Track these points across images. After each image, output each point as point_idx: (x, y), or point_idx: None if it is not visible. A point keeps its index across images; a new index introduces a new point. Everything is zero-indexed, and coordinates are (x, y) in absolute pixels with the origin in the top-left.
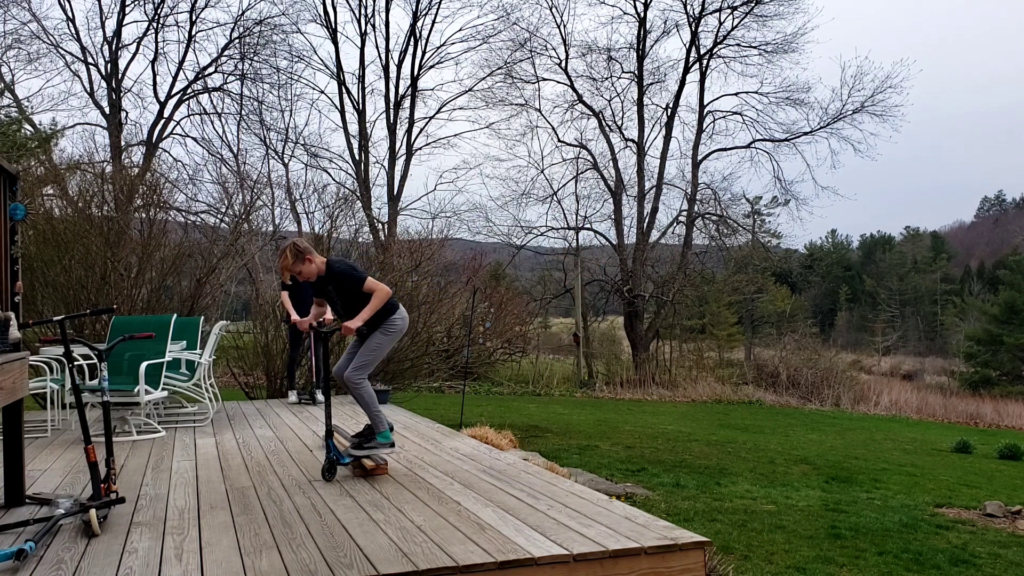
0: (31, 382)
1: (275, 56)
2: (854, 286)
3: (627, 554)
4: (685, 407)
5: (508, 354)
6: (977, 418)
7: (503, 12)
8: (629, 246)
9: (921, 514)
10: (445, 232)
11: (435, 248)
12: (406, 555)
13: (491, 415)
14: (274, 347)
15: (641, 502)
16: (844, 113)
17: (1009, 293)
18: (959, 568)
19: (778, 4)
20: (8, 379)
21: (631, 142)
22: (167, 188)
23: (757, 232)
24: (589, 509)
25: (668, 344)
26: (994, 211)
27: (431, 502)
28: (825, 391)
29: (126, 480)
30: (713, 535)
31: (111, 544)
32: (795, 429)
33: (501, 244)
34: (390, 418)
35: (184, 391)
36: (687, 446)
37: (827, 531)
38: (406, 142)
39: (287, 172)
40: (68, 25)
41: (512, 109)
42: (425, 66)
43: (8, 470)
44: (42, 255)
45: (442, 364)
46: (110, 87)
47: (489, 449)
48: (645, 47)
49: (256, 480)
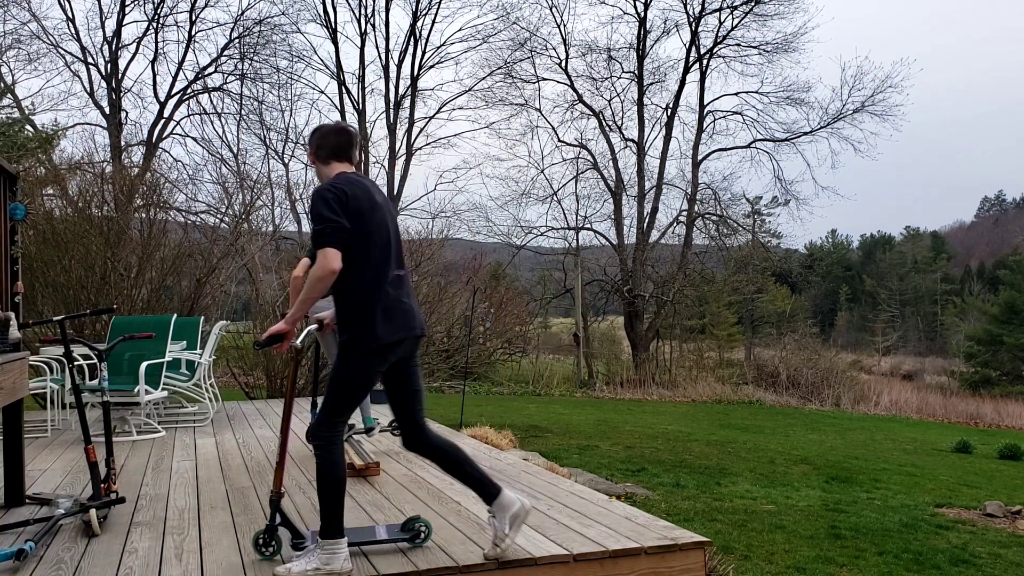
0: (31, 382)
1: (275, 56)
2: (854, 286)
3: (627, 554)
4: (685, 407)
5: (508, 354)
6: (977, 418)
7: (503, 12)
8: (629, 246)
9: (921, 514)
10: (445, 232)
11: (435, 248)
12: (406, 555)
13: (491, 415)
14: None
15: (641, 502)
16: (844, 113)
17: (1009, 293)
18: (959, 568)
19: (778, 4)
20: (8, 379)
21: (631, 142)
22: (167, 188)
23: (757, 232)
24: (589, 509)
25: (668, 344)
26: (994, 211)
27: (431, 502)
28: (825, 391)
29: (126, 480)
30: (713, 535)
31: (111, 544)
32: (795, 429)
33: (501, 244)
34: (381, 418)
35: (184, 391)
36: (687, 446)
37: (827, 531)
38: (406, 142)
39: (287, 172)
40: (68, 25)
41: (512, 109)
42: (425, 66)
43: (8, 470)
44: (42, 255)
45: (442, 364)
46: (110, 87)
47: (489, 449)
48: (645, 47)
49: (256, 480)
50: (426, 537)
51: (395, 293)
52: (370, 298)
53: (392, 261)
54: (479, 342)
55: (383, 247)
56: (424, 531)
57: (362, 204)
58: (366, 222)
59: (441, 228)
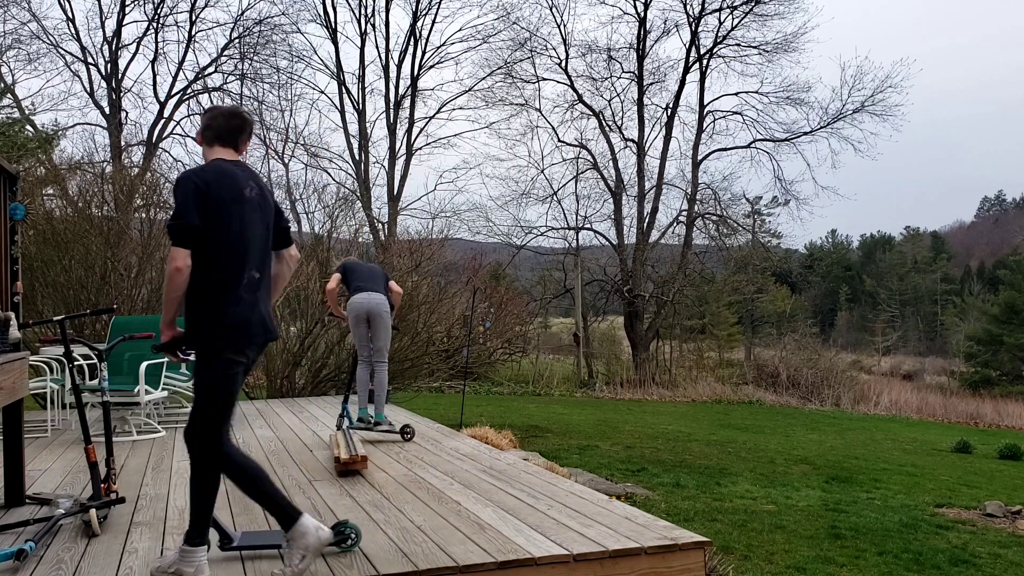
0: (31, 382)
1: (275, 56)
2: (854, 286)
3: (627, 554)
4: (685, 407)
5: (508, 354)
6: (977, 418)
7: (503, 12)
8: (629, 246)
9: (921, 514)
10: (445, 232)
11: (435, 248)
12: (406, 555)
13: (491, 415)
14: (274, 347)
15: (641, 502)
16: (844, 113)
17: (1009, 293)
18: (959, 568)
19: (778, 3)
20: (8, 379)
21: (631, 142)
22: (167, 188)
23: (757, 232)
24: (589, 509)
25: (668, 344)
26: (994, 211)
27: (431, 502)
28: (825, 391)
29: (126, 480)
30: (713, 535)
31: (111, 544)
32: (795, 429)
33: (501, 244)
34: (390, 417)
35: (184, 391)
36: (687, 446)
37: (827, 531)
38: (406, 142)
39: (287, 172)
40: (68, 25)
41: (512, 109)
42: (425, 66)
43: (8, 470)
44: (42, 255)
45: (442, 364)
46: (110, 87)
47: (489, 449)
48: (645, 47)
49: None
50: (354, 543)
51: (248, 297)
52: (218, 300)
53: (250, 261)
54: (479, 342)
55: (238, 246)
56: (353, 537)
57: (223, 196)
58: (223, 218)
59: (441, 228)
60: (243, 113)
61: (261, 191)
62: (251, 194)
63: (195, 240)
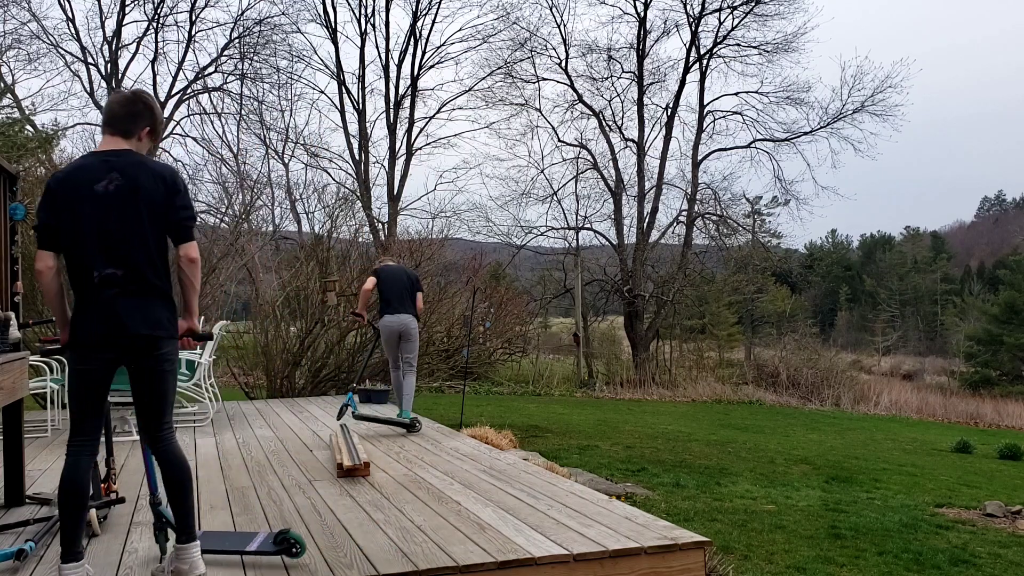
0: (31, 382)
1: (275, 56)
2: (854, 286)
3: (627, 554)
4: (685, 407)
5: (508, 354)
6: (977, 418)
7: (503, 12)
8: (629, 246)
9: (921, 514)
10: (445, 232)
11: (435, 248)
12: (406, 555)
13: (491, 415)
14: (274, 347)
15: (641, 502)
16: (844, 113)
17: (1009, 293)
18: (959, 568)
19: (778, 3)
20: (8, 379)
21: (631, 142)
22: None
23: (757, 232)
24: (589, 509)
25: (668, 344)
26: (994, 211)
27: (431, 502)
28: (825, 391)
29: (126, 480)
30: (713, 535)
31: (111, 544)
32: (795, 429)
33: (501, 244)
34: (391, 415)
35: (184, 391)
36: (687, 446)
37: (827, 531)
38: (406, 142)
39: (287, 172)
40: (68, 25)
41: (512, 109)
42: (425, 66)
43: (8, 470)
44: None
45: (442, 364)
46: (110, 87)
47: (489, 449)
48: (645, 47)
49: (256, 480)
50: (298, 553)
51: (108, 292)
52: (76, 298)
53: (100, 259)
54: (479, 342)
55: (86, 243)
56: (297, 548)
57: (69, 194)
58: (68, 215)
59: (441, 228)
60: (144, 97)
61: (132, 183)
62: (108, 187)
63: (51, 240)
